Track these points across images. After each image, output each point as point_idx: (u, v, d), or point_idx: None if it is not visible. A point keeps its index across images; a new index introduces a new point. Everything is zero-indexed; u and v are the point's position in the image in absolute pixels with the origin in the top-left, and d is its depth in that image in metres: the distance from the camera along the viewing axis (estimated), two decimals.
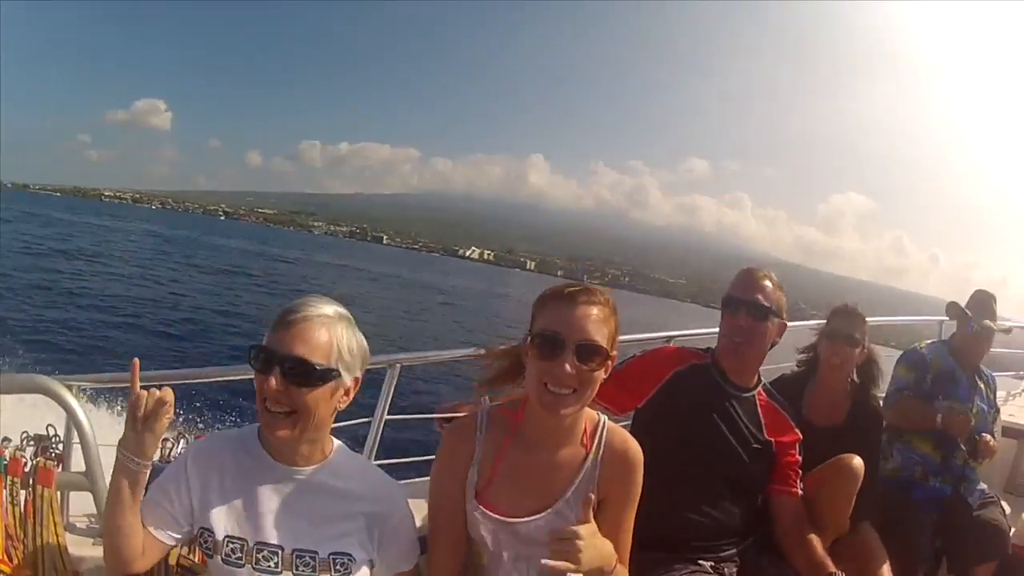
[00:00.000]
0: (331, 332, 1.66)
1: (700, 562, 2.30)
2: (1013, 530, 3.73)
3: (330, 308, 1.69)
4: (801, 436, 2.54)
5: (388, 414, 2.79)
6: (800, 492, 2.50)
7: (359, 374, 1.74)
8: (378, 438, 2.79)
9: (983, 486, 3.67)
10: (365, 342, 1.75)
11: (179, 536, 1.74)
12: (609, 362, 1.77)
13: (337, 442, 1.82)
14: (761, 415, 2.48)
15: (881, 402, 3.25)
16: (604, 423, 1.92)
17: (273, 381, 1.60)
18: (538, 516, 1.83)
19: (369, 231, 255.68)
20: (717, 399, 2.43)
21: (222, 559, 1.67)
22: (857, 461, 2.55)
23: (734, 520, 2.41)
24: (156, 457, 1.97)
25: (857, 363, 3.01)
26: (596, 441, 1.88)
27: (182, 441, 2.30)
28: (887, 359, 3.44)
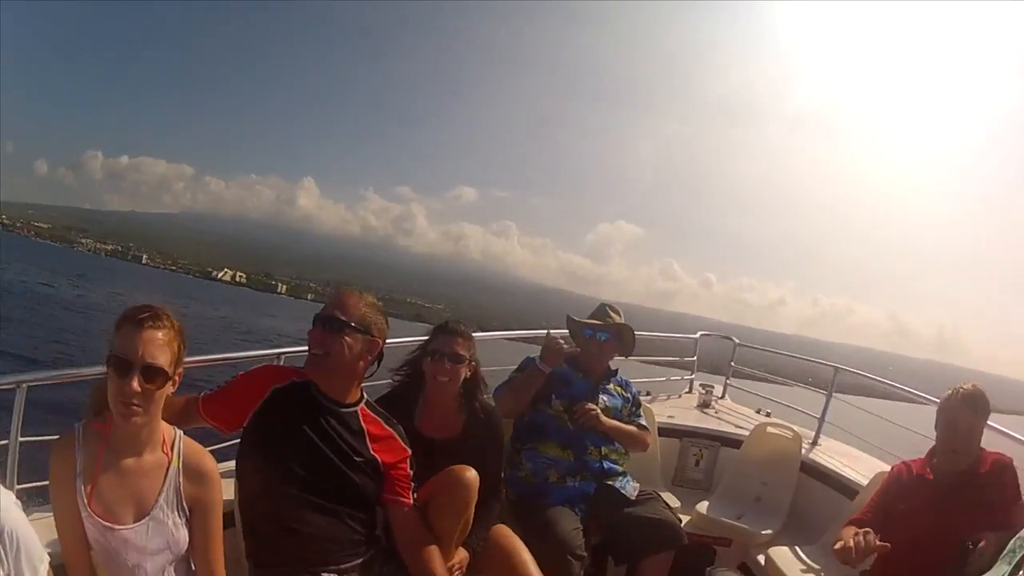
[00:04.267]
0: None
1: (324, 575, 2.35)
2: (688, 519, 3.98)
3: None
4: (410, 451, 2.59)
5: (23, 435, 2.66)
6: (413, 502, 2.54)
7: None
8: (16, 459, 2.65)
9: (635, 483, 3.68)
10: None
11: None
12: (171, 382, 2.01)
13: None
14: (365, 431, 2.50)
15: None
16: (179, 436, 2.12)
17: None
18: (139, 523, 1.99)
19: (132, 250, 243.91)
20: (315, 415, 2.42)
21: None
22: (470, 472, 2.60)
23: (352, 532, 2.45)
24: None
25: (466, 377, 2.99)
26: (175, 451, 2.07)
27: None
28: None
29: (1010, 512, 2.69)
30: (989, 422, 3.19)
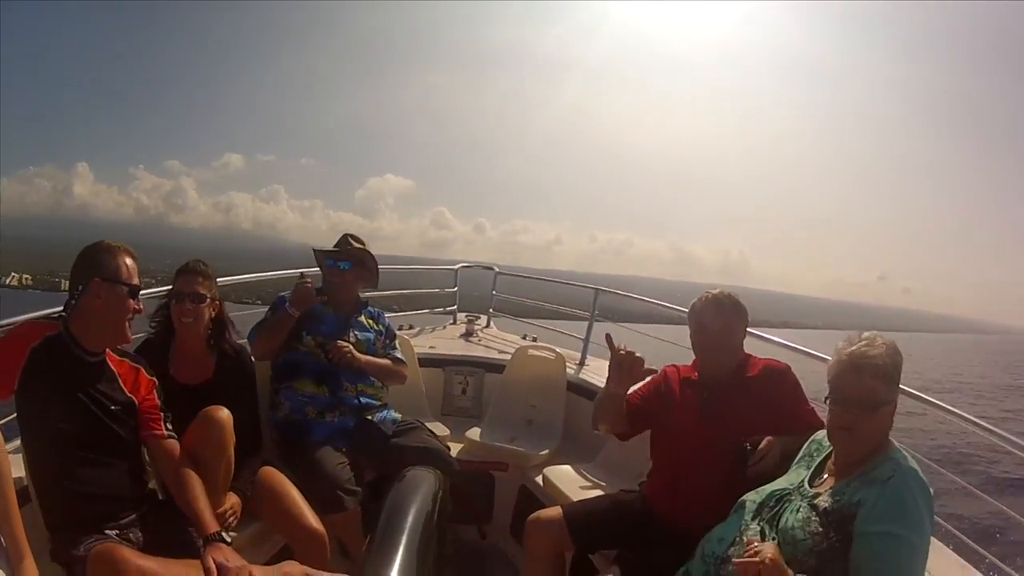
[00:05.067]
0: None
1: (107, 532, 2.33)
2: (460, 447, 4.04)
3: None
4: (156, 380, 2.62)
5: None
6: (167, 433, 2.55)
7: None
8: None
9: (396, 415, 3.69)
10: None
11: None
12: None
13: None
14: (117, 374, 2.50)
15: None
16: None
17: None
18: None
19: None
20: (72, 369, 2.39)
21: None
22: (221, 412, 2.64)
23: (125, 487, 2.46)
24: None
25: (211, 317, 3.05)
26: None
27: None
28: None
29: (795, 416, 2.68)
30: (766, 333, 3.35)
